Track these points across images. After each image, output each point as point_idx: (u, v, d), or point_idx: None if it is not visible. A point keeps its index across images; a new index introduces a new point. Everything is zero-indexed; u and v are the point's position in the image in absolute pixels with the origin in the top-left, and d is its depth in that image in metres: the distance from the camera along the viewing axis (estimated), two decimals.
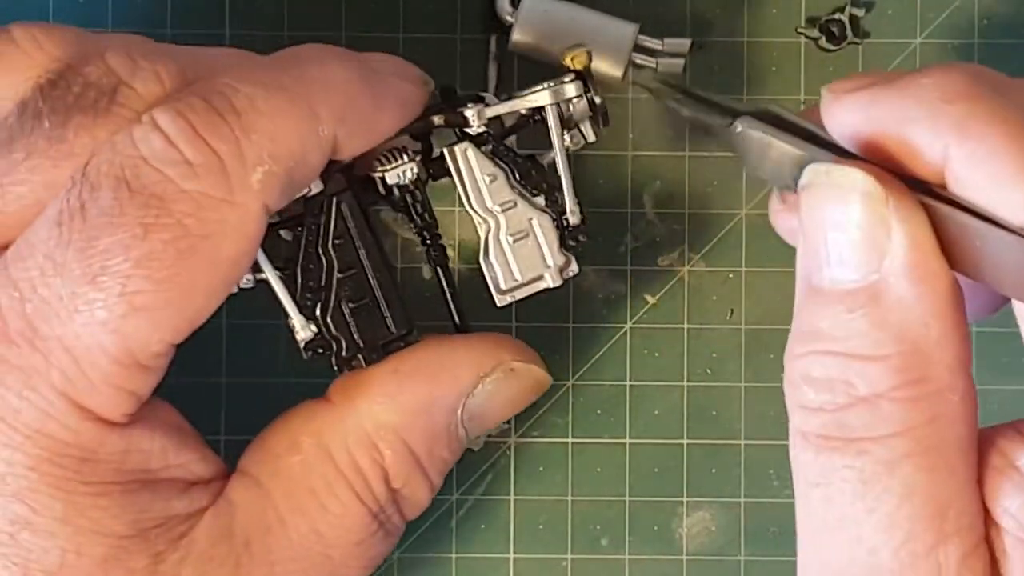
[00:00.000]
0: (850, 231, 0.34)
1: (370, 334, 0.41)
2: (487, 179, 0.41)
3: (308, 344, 0.40)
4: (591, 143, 0.42)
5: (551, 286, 0.42)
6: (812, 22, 0.48)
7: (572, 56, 0.42)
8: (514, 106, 0.41)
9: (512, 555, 0.47)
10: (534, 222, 0.42)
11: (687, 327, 0.48)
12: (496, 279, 0.42)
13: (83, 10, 0.47)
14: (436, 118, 0.41)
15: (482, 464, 0.48)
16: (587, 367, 0.48)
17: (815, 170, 0.35)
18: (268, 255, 0.39)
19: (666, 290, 0.48)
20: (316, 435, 0.39)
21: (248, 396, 0.47)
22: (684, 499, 0.48)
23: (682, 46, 0.47)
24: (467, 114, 0.41)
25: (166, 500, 0.38)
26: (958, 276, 0.34)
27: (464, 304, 0.42)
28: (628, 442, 0.48)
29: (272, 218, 0.39)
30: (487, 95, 0.42)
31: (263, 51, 0.40)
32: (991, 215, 0.33)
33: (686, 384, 0.48)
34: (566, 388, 0.48)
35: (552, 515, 0.48)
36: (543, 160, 0.42)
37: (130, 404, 0.37)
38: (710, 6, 0.48)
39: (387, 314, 0.41)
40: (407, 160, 0.41)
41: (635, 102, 0.48)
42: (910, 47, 0.48)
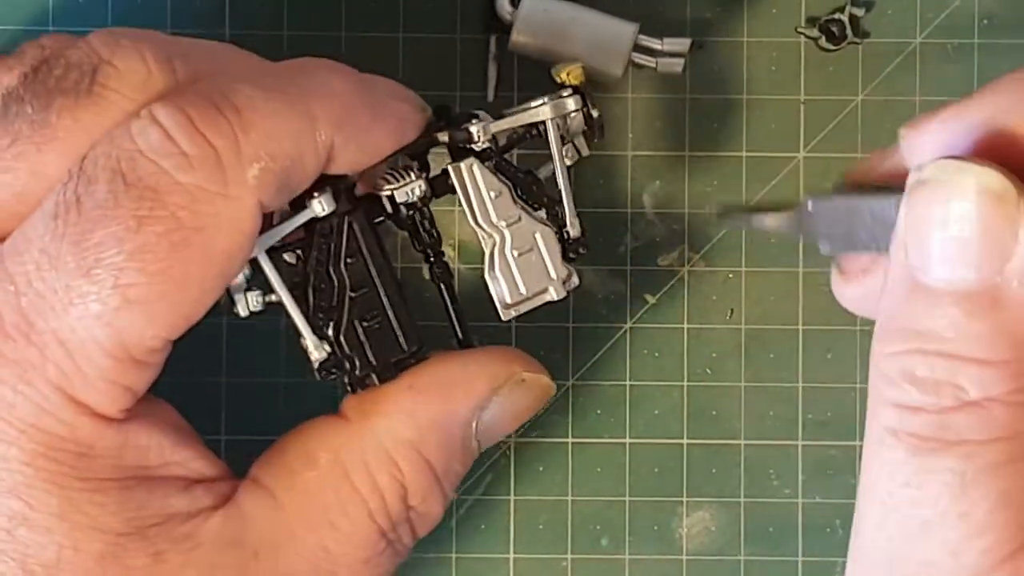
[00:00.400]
0: (971, 230, 0.32)
1: (383, 352, 0.40)
2: (492, 195, 0.41)
3: (322, 364, 0.40)
4: (584, 157, 0.42)
5: (555, 299, 0.42)
6: (812, 22, 0.48)
7: (568, 71, 0.41)
8: (517, 121, 0.41)
9: (512, 555, 0.48)
10: (538, 236, 0.42)
11: (687, 327, 0.48)
12: (502, 294, 0.42)
13: (83, 10, 0.47)
14: (440, 135, 0.41)
15: (482, 464, 0.48)
16: (587, 367, 0.48)
17: (937, 165, 0.33)
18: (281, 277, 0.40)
19: (666, 290, 0.48)
20: (334, 451, 0.39)
21: (248, 396, 0.47)
22: (684, 499, 0.48)
23: (682, 46, 0.47)
24: (472, 130, 0.41)
25: (165, 498, 0.38)
26: None
27: (464, 306, 0.42)
28: (628, 442, 0.48)
29: (276, 244, 0.39)
30: (480, 112, 0.41)
31: (263, 51, 0.40)
32: None
33: (686, 384, 0.48)
34: (566, 388, 0.48)
35: (552, 515, 0.48)
36: (540, 174, 0.42)
37: (125, 399, 0.37)
38: (710, 6, 0.48)
39: (399, 332, 0.41)
40: (414, 178, 0.41)
41: (635, 102, 0.48)
42: (910, 47, 0.48)
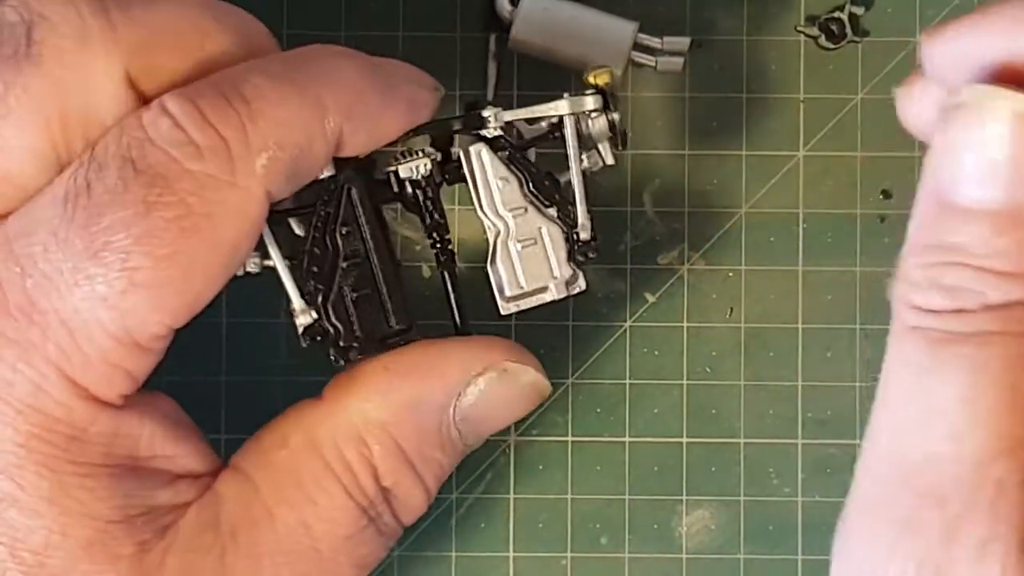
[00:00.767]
0: (1004, 152, 0.33)
1: (369, 326, 0.41)
2: (500, 183, 0.41)
3: (307, 329, 0.40)
4: (609, 166, 0.42)
5: (555, 298, 0.42)
6: (811, 20, 0.48)
7: (595, 74, 0.41)
8: (533, 112, 0.41)
9: (512, 553, 0.48)
10: (544, 231, 0.41)
11: (687, 325, 0.48)
12: (501, 285, 0.42)
13: None
14: (456, 122, 0.41)
15: (482, 462, 0.48)
16: (587, 365, 0.48)
17: (972, 90, 0.34)
18: (278, 243, 0.40)
19: (666, 288, 0.48)
20: (305, 430, 0.40)
21: (248, 396, 0.47)
22: (684, 497, 0.48)
23: (682, 44, 0.47)
24: (484, 114, 0.41)
25: (150, 489, 0.38)
26: None
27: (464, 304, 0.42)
28: (628, 440, 0.48)
29: (285, 204, 0.39)
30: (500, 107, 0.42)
31: None
32: None
33: (685, 382, 0.48)
34: (565, 387, 0.48)
35: (552, 513, 0.48)
36: (562, 178, 0.42)
37: (125, 384, 0.37)
38: (710, 5, 0.48)
39: (388, 307, 0.41)
40: (422, 156, 0.41)
41: (635, 101, 0.48)
42: (909, 45, 0.48)
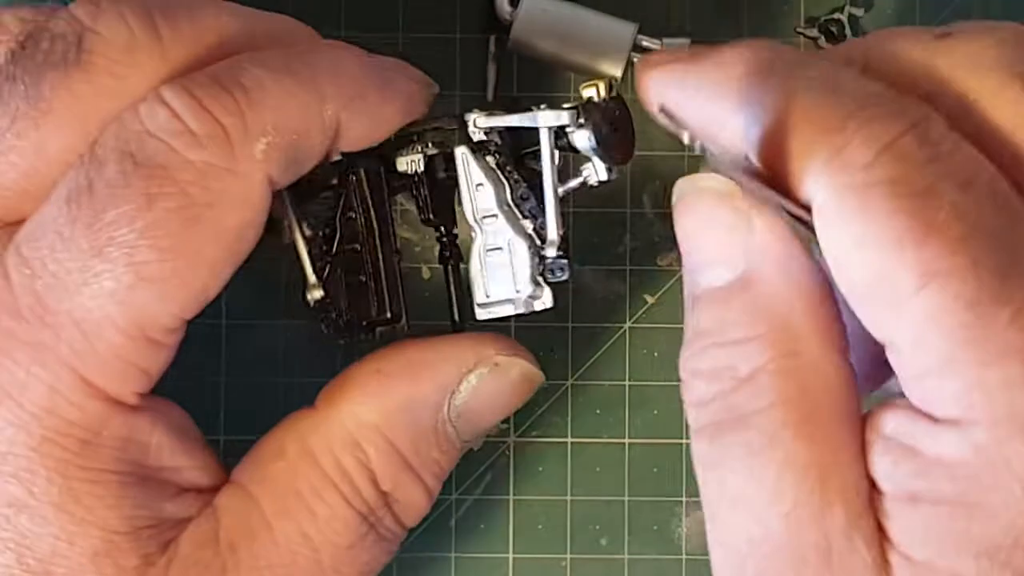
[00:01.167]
0: (716, 232, 0.35)
1: (359, 310, 0.41)
2: (476, 187, 0.41)
3: (316, 302, 0.41)
4: (604, 182, 0.41)
5: (517, 312, 0.41)
6: (811, 22, 0.48)
7: (585, 85, 0.41)
8: (508, 120, 0.41)
9: (511, 555, 0.48)
10: (512, 243, 0.41)
11: None
12: (474, 291, 0.41)
13: None
14: (447, 122, 0.41)
15: (481, 464, 0.48)
16: (586, 367, 0.48)
17: (683, 181, 0.36)
18: (306, 218, 0.40)
19: (665, 290, 0.48)
20: (300, 440, 0.39)
21: (248, 396, 0.47)
22: (683, 499, 0.48)
23: (681, 46, 0.47)
24: (467, 117, 0.41)
25: (157, 501, 0.38)
26: None
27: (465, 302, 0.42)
28: (627, 442, 0.48)
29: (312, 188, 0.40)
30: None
31: None
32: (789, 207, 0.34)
33: None
34: (565, 388, 0.48)
35: (551, 515, 0.48)
36: (569, 184, 0.41)
37: (139, 382, 0.37)
38: (709, 6, 0.48)
39: (375, 294, 0.41)
40: (419, 152, 0.41)
41: (634, 102, 0.48)
42: None
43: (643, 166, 0.48)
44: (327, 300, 0.41)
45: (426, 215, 0.42)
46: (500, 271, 0.41)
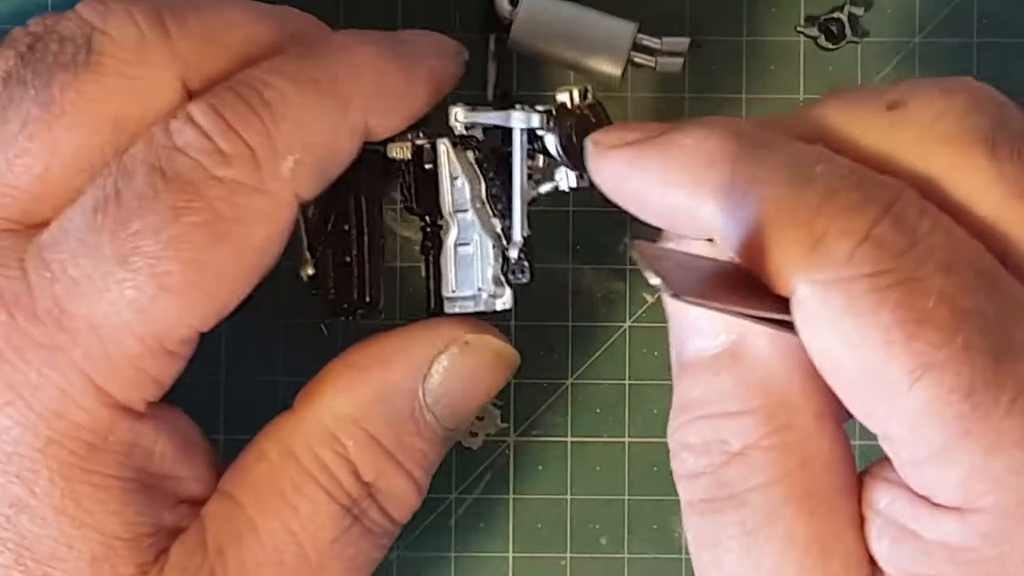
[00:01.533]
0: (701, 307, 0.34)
1: (340, 292, 0.41)
2: (452, 181, 0.41)
3: (310, 278, 0.41)
4: (575, 189, 0.41)
5: (478, 310, 0.41)
6: (811, 21, 0.48)
7: (561, 89, 0.40)
8: (488, 118, 0.41)
9: (511, 554, 0.48)
10: (479, 241, 0.41)
11: None
12: (442, 283, 0.41)
13: None
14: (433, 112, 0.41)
15: (481, 463, 0.48)
16: (586, 366, 0.48)
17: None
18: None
19: None
20: (281, 441, 0.39)
21: (248, 396, 0.47)
22: None
23: (681, 45, 0.47)
24: (450, 111, 0.41)
25: (157, 509, 0.38)
26: None
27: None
28: (627, 441, 0.48)
29: None
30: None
31: None
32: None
33: None
34: (565, 387, 0.48)
35: (551, 514, 0.48)
36: (542, 188, 0.41)
37: (151, 390, 0.37)
38: (709, 5, 0.48)
39: (356, 279, 0.41)
40: (408, 140, 0.41)
41: (634, 101, 0.48)
42: (909, 46, 0.48)
43: None
44: (317, 277, 0.41)
45: (410, 203, 0.42)
46: (467, 267, 0.41)
